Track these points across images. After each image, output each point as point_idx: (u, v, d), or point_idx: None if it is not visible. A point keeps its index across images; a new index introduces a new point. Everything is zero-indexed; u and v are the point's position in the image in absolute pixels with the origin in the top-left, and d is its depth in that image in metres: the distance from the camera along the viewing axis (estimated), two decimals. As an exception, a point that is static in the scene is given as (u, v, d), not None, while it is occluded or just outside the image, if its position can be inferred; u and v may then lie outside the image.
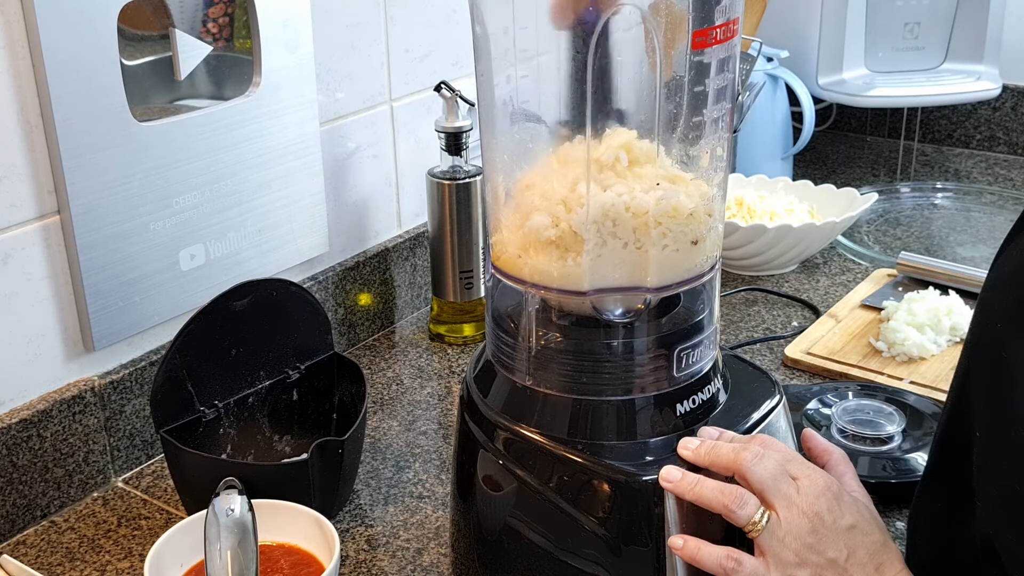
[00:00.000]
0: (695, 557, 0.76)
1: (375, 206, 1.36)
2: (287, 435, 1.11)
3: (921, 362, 1.24)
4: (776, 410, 0.87)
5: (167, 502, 1.06)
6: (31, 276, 1.00)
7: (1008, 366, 0.69)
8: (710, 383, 0.84)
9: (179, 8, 1.06)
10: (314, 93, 1.21)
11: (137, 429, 1.10)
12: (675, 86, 0.76)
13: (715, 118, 0.79)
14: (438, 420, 1.19)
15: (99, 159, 1.01)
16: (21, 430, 1.00)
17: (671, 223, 0.78)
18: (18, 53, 0.95)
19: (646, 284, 0.80)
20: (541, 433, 0.81)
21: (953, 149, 2.01)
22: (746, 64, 1.55)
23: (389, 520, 1.03)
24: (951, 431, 0.78)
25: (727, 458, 0.78)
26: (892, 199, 1.77)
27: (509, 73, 0.80)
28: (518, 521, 0.83)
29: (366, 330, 1.36)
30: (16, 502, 1.01)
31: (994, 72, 1.80)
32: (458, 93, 1.27)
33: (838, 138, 2.08)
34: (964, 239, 1.63)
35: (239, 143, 1.13)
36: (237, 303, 1.02)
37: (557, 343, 0.83)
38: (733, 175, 1.57)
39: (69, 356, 1.05)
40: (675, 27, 0.75)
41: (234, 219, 1.15)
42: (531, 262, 0.80)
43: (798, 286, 1.46)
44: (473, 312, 1.35)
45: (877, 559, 0.76)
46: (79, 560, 0.99)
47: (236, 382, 1.05)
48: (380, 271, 1.36)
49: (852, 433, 1.06)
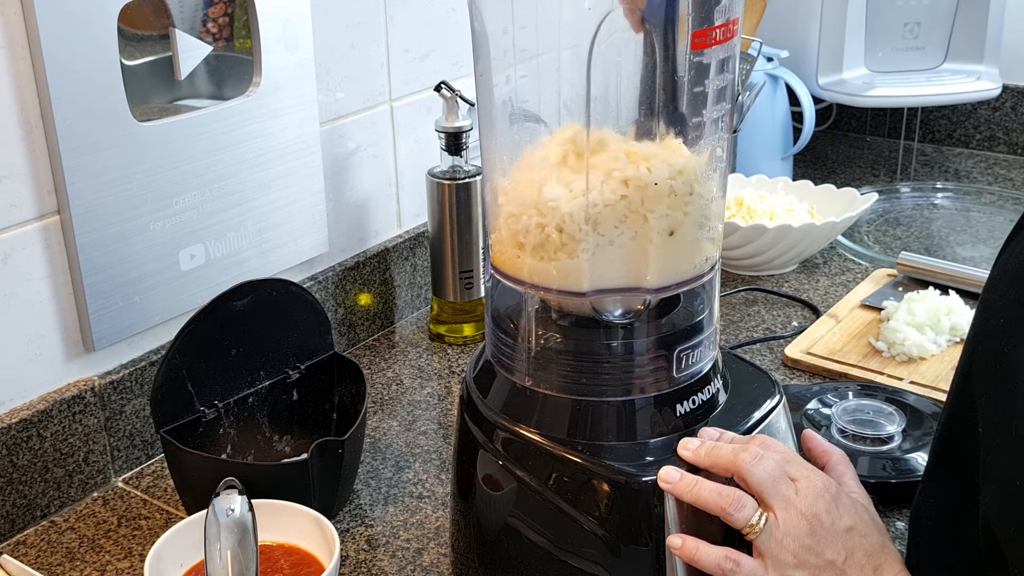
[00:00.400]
0: (693, 557, 0.76)
1: (375, 206, 1.36)
2: (287, 435, 1.11)
3: (921, 362, 1.24)
4: (776, 410, 0.87)
5: (167, 502, 1.06)
6: (31, 276, 1.00)
7: (1010, 362, 0.69)
8: (710, 383, 0.84)
9: (179, 8, 1.06)
10: (314, 93, 1.21)
11: (137, 429, 1.10)
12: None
13: (715, 118, 0.79)
14: (438, 420, 1.20)
15: (99, 159, 1.01)
16: (21, 430, 1.00)
17: (652, 203, 0.77)
18: (18, 53, 0.95)
19: (645, 284, 0.80)
20: (541, 433, 0.81)
21: (953, 149, 2.01)
22: (746, 64, 1.54)
23: (389, 520, 1.03)
24: (953, 427, 0.78)
25: (726, 459, 0.78)
26: (892, 199, 1.77)
27: (509, 73, 0.80)
28: (518, 521, 0.83)
29: (366, 330, 1.36)
30: (16, 502, 1.01)
31: (994, 72, 1.80)
32: (458, 93, 1.27)
33: (838, 138, 2.08)
34: (964, 239, 1.63)
35: (239, 143, 1.13)
36: (237, 303, 1.02)
37: (557, 343, 0.83)
38: (733, 175, 1.57)
39: (69, 356, 1.05)
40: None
41: (234, 219, 1.15)
42: (529, 262, 0.80)
43: (798, 286, 1.47)
44: (473, 312, 1.35)
45: (875, 560, 0.76)
46: (79, 560, 0.99)
47: (236, 382, 1.05)
48: (380, 271, 1.36)
49: (852, 433, 1.06)
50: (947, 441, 0.79)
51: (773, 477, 0.76)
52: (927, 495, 0.82)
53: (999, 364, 0.70)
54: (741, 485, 0.77)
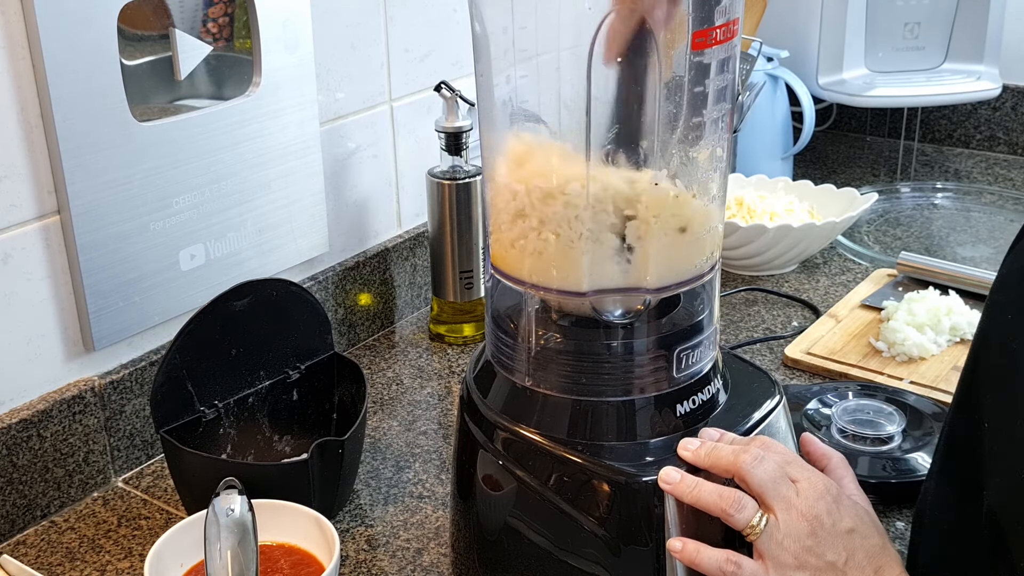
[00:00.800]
0: (694, 560, 0.76)
1: (375, 206, 1.36)
2: (287, 435, 1.11)
3: (921, 362, 1.24)
4: (776, 410, 0.87)
5: (167, 502, 1.06)
6: (31, 276, 1.00)
7: (1017, 359, 0.69)
8: (710, 383, 0.84)
9: (179, 8, 1.06)
10: (314, 93, 1.21)
11: (137, 429, 1.10)
12: (675, 86, 0.76)
13: (715, 118, 0.79)
14: (438, 420, 1.20)
15: (99, 159, 1.01)
16: (21, 430, 1.00)
17: (653, 205, 0.78)
18: (18, 53, 0.95)
19: (645, 285, 0.80)
20: (541, 433, 0.81)
21: (953, 149, 2.01)
22: (746, 64, 1.54)
23: (389, 520, 1.03)
24: (959, 425, 0.78)
25: (727, 460, 0.78)
26: (892, 199, 1.77)
27: (509, 73, 0.80)
28: (518, 521, 0.83)
29: (366, 330, 1.36)
30: (16, 502, 1.01)
31: (994, 72, 1.80)
32: (458, 93, 1.27)
33: (838, 138, 2.08)
34: (964, 239, 1.63)
35: (239, 143, 1.13)
36: (237, 303, 1.02)
37: (557, 343, 0.83)
38: (733, 175, 1.57)
39: (69, 356, 1.05)
40: (675, 27, 0.75)
41: (234, 219, 1.15)
42: (529, 262, 0.80)
43: (798, 286, 1.46)
44: (473, 312, 1.35)
45: (876, 562, 0.76)
46: (79, 560, 0.99)
47: (236, 382, 1.05)
48: (380, 271, 1.36)
49: (852, 433, 1.06)
50: (952, 439, 0.79)
51: (774, 478, 0.76)
52: (931, 494, 0.82)
53: (1005, 361, 0.71)
54: (741, 486, 0.77)
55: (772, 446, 0.79)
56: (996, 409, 0.71)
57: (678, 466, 0.78)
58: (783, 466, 0.78)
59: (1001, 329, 0.72)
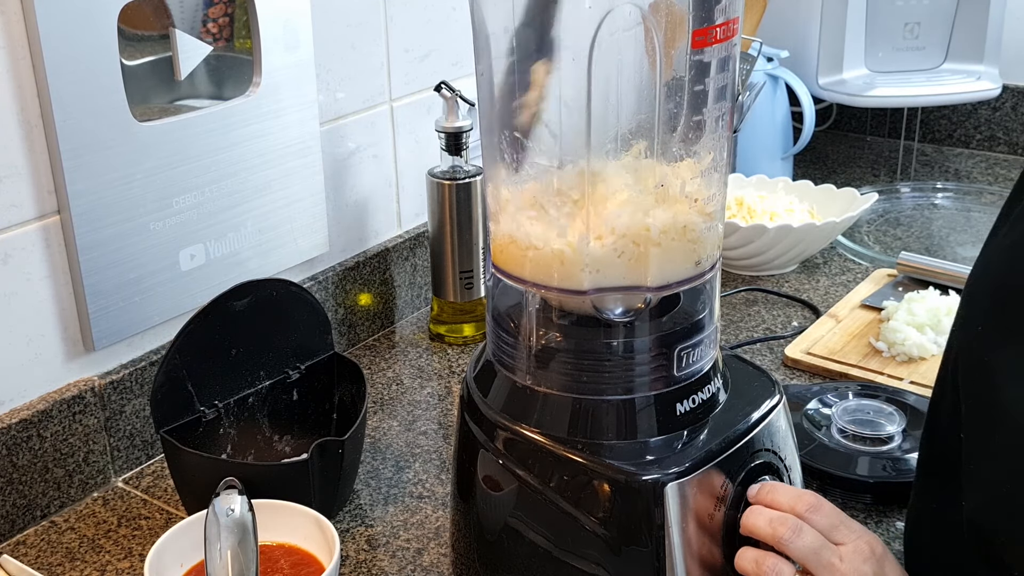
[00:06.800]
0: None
1: (375, 206, 1.36)
2: (287, 435, 1.11)
3: (921, 362, 1.24)
4: (776, 410, 0.87)
5: (167, 502, 1.06)
6: (31, 276, 1.00)
7: (990, 371, 0.69)
8: (710, 383, 0.84)
9: (179, 8, 1.06)
10: (314, 93, 1.21)
11: (137, 429, 1.10)
12: (675, 85, 0.76)
13: (715, 118, 0.79)
14: (438, 420, 1.19)
15: (99, 159, 1.01)
16: (21, 430, 1.00)
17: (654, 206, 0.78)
18: (18, 53, 0.95)
19: (646, 284, 0.80)
20: (541, 433, 0.81)
21: (953, 149, 2.01)
22: (746, 64, 1.55)
23: (389, 520, 1.03)
24: (936, 428, 0.79)
25: (764, 531, 0.78)
26: (892, 199, 1.77)
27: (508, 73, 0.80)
28: (518, 521, 0.83)
29: (366, 330, 1.36)
30: (16, 502, 1.01)
31: (994, 72, 1.80)
32: (458, 93, 1.27)
33: (838, 138, 2.08)
34: (964, 239, 1.63)
35: (239, 143, 1.13)
36: (237, 303, 1.02)
37: (557, 342, 0.83)
38: (733, 175, 1.57)
39: (69, 356, 1.05)
40: (675, 26, 0.75)
41: (234, 219, 1.15)
42: (531, 262, 0.80)
43: (798, 286, 1.46)
44: (473, 312, 1.35)
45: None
46: (79, 560, 0.99)
47: (236, 382, 1.05)
48: (380, 271, 1.36)
49: (852, 433, 1.06)
50: (934, 439, 0.79)
51: (814, 549, 0.77)
52: (921, 491, 0.83)
53: (979, 371, 0.71)
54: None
55: (819, 508, 0.79)
56: (973, 423, 0.72)
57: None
58: (828, 531, 0.78)
59: (973, 339, 0.72)
